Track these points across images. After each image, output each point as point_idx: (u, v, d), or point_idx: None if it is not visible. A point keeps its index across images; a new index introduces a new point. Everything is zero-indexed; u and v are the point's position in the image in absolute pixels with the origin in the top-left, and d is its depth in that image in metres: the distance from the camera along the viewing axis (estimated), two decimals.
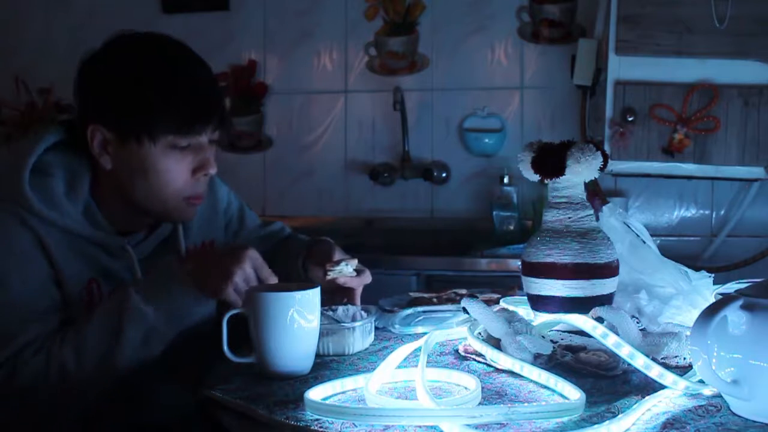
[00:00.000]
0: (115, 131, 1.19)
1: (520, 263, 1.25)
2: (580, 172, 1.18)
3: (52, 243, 1.17)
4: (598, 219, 1.26)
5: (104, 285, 1.23)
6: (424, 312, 1.37)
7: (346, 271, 1.30)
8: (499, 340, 1.10)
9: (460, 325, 1.26)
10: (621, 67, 2.32)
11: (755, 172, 2.30)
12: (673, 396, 0.93)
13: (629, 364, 1.00)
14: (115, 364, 1.11)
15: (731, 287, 1.28)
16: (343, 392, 0.99)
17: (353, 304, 1.30)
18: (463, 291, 1.50)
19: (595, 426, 0.83)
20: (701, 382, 0.94)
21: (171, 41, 1.25)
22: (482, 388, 0.95)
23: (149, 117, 1.18)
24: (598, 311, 1.10)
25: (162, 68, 1.20)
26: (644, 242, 1.32)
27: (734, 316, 0.84)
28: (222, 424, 0.96)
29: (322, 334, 1.14)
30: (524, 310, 1.24)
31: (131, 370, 1.13)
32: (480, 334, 1.17)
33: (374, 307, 1.31)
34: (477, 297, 1.19)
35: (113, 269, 1.24)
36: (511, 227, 2.65)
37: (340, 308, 1.25)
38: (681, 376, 0.96)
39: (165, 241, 1.33)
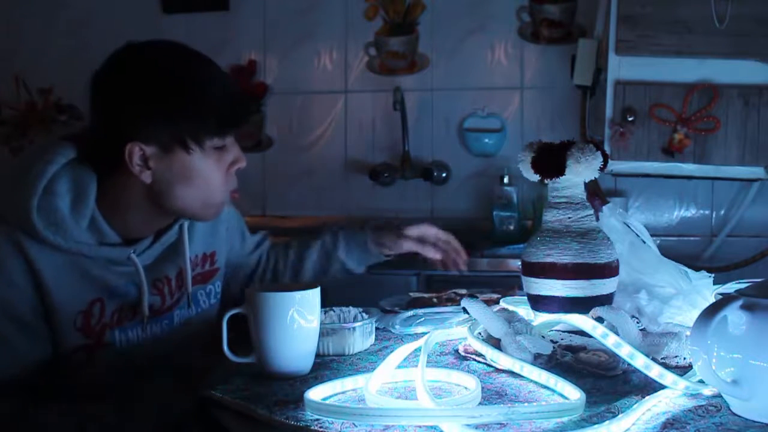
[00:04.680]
0: (157, 144, 1.17)
1: (520, 263, 1.25)
2: (580, 172, 1.18)
3: (51, 269, 1.15)
4: (598, 219, 1.26)
5: (109, 304, 1.22)
6: (425, 313, 1.37)
7: None
8: (499, 340, 1.10)
9: (460, 325, 1.26)
10: (621, 67, 2.32)
11: (755, 172, 2.30)
12: (673, 396, 0.93)
13: (629, 364, 1.00)
14: None
15: (731, 287, 1.28)
16: (343, 392, 0.99)
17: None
18: (463, 291, 1.50)
19: (595, 426, 0.83)
20: (701, 382, 0.94)
21: (182, 45, 1.23)
22: (482, 388, 0.95)
23: (195, 123, 1.17)
24: (598, 311, 1.10)
25: (193, 72, 1.19)
26: (644, 242, 1.32)
27: (734, 316, 0.84)
28: (222, 424, 0.96)
29: (322, 334, 1.14)
30: (524, 310, 1.25)
31: None
32: (480, 334, 1.17)
33: (375, 309, 1.31)
34: (477, 297, 1.19)
35: (119, 285, 1.23)
36: (511, 227, 2.65)
37: (340, 309, 1.25)
38: (681, 376, 0.96)
39: (169, 248, 1.32)
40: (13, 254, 1.13)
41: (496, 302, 1.33)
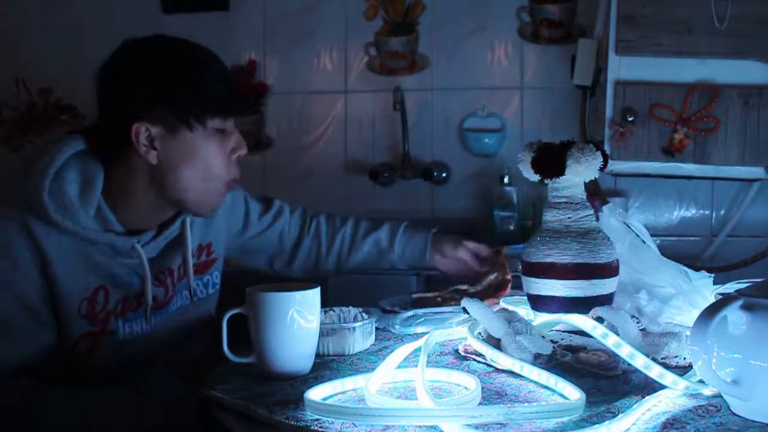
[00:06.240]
0: (163, 124, 1.20)
1: (520, 263, 1.25)
2: (580, 172, 1.18)
3: (58, 253, 1.17)
4: (598, 219, 1.26)
5: (113, 292, 1.24)
6: (425, 313, 1.37)
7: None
8: (499, 340, 1.10)
9: (460, 325, 1.26)
10: (621, 67, 2.32)
11: (755, 172, 2.30)
12: (673, 396, 0.93)
13: (629, 364, 1.00)
14: None
15: (731, 287, 1.28)
16: (343, 392, 0.99)
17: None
18: (464, 287, 1.49)
19: (595, 426, 0.83)
20: (701, 382, 0.94)
21: (177, 37, 1.27)
22: (482, 388, 0.95)
23: (199, 102, 1.20)
24: (598, 311, 1.10)
25: (196, 55, 1.23)
26: (644, 242, 1.32)
27: (734, 316, 0.84)
28: (222, 424, 0.96)
29: (322, 334, 1.14)
30: (524, 310, 1.25)
31: None
32: (480, 334, 1.17)
33: (375, 309, 1.31)
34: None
35: (122, 274, 1.25)
36: (511, 227, 2.65)
37: (340, 309, 1.25)
38: (681, 376, 0.96)
39: (172, 242, 1.33)
40: (20, 235, 1.16)
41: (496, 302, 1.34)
